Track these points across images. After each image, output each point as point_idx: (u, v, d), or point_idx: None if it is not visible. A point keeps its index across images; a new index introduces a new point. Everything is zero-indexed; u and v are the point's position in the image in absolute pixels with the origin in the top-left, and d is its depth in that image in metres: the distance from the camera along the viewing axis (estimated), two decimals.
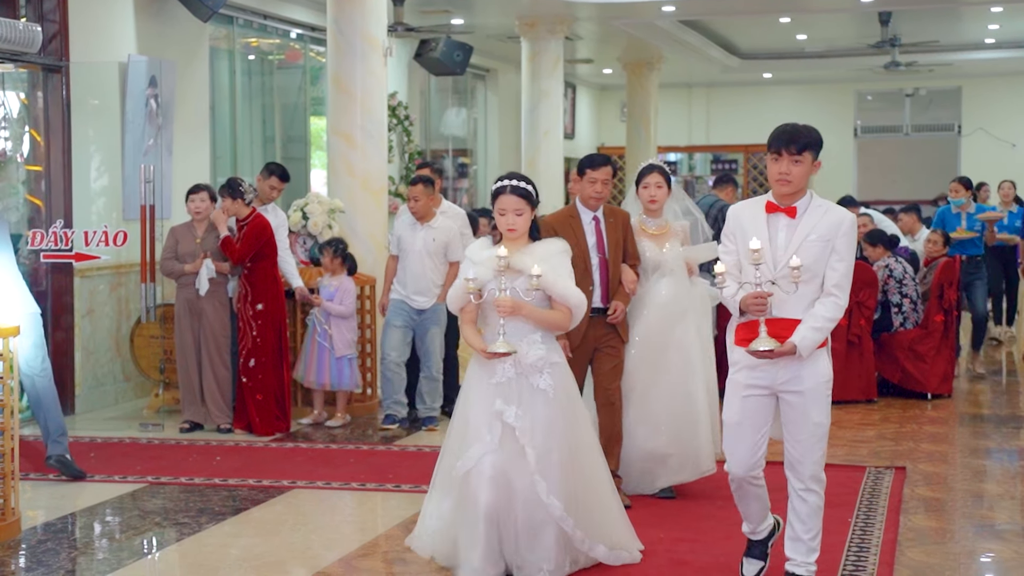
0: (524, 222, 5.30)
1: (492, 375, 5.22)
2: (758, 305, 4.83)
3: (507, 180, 5.35)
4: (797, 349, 4.87)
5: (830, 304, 4.93)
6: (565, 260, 5.32)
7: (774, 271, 4.90)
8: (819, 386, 4.99)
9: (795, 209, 4.95)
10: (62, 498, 7.16)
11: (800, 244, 4.90)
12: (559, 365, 5.29)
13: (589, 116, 23.92)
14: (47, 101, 9.77)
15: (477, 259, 5.29)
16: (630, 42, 18.08)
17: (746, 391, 5.03)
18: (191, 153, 11.20)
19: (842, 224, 4.94)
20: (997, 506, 6.86)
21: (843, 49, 20.33)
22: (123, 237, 8.48)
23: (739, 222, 5.05)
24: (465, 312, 5.32)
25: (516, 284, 5.15)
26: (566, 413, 5.24)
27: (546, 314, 5.25)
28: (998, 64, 21.07)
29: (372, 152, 9.97)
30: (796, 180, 4.91)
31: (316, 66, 14.50)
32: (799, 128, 4.97)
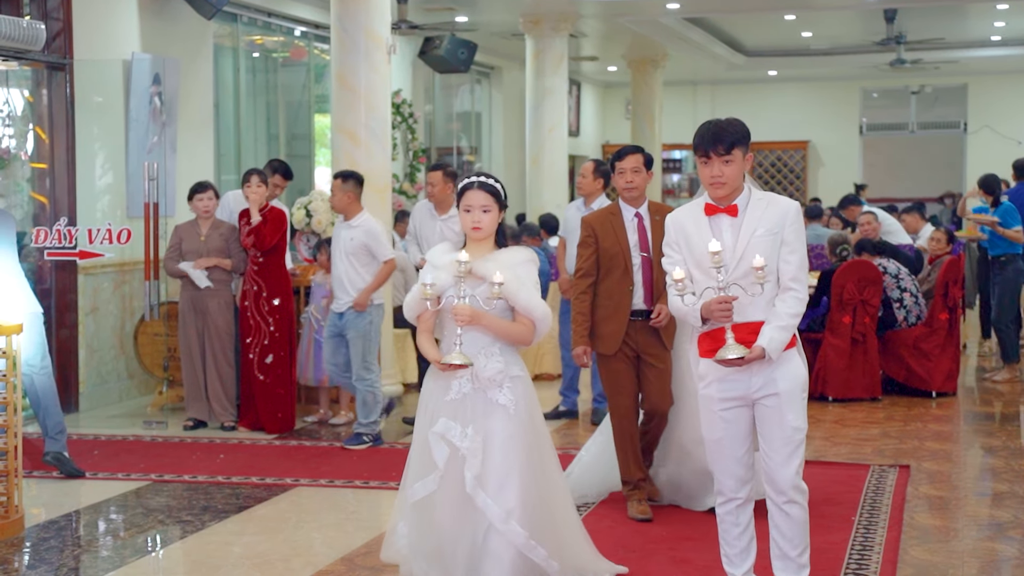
0: (490, 221, 4.89)
1: (447, 391, 4.84)
2: (724, 310, 4.54)
3: (475, 177, 4.96)
4: (766, 352, 4.60)
5: (790, 299, 4.67)
6: (532, 270, 4.91)
7: (725, 275, 4.60)
8: (794, 388, 4.72)
9: (735, 207, 4.69)
10: (65, 495, 7.17)
11: (748, 242, 4.64)
12: (520, 379, 4.88)
13: (594, 113, 23.90)
14: (51, 99, 9.77)
15: (437, 263, 4.90)
16: (635, 39, 18.05)
17: (721, 405, 4.76)
18: (195, 151, 11.20)
19: (787, 214, 4.68)
20: (1001, 504, 6.85)
21: (848, 46, 20.30)
22: (127, 235, 8.48)
23: (682, 229, 4.77)
24: (422, 320, 4.95)
25: (477, 292, 4.78)
26: (527, 430, 4.83)
27: (507, 326, 4.85)
28: (1004, 61, 21.03)
29: (376, 150, 9.96)
30: (730, 180, 4.65)
31: (320, 63, 14.50)
32: (723, 125, 4.69)
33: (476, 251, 4.87)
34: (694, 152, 4.70)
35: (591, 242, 6.48)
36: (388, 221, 10.28)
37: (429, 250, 4.96)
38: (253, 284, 8.90)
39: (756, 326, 4.64)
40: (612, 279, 6.42)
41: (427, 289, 4.78)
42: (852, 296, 9.92)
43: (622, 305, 6.41)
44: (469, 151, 19.51)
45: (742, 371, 4.67)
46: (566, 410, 9.43)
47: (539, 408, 4.99)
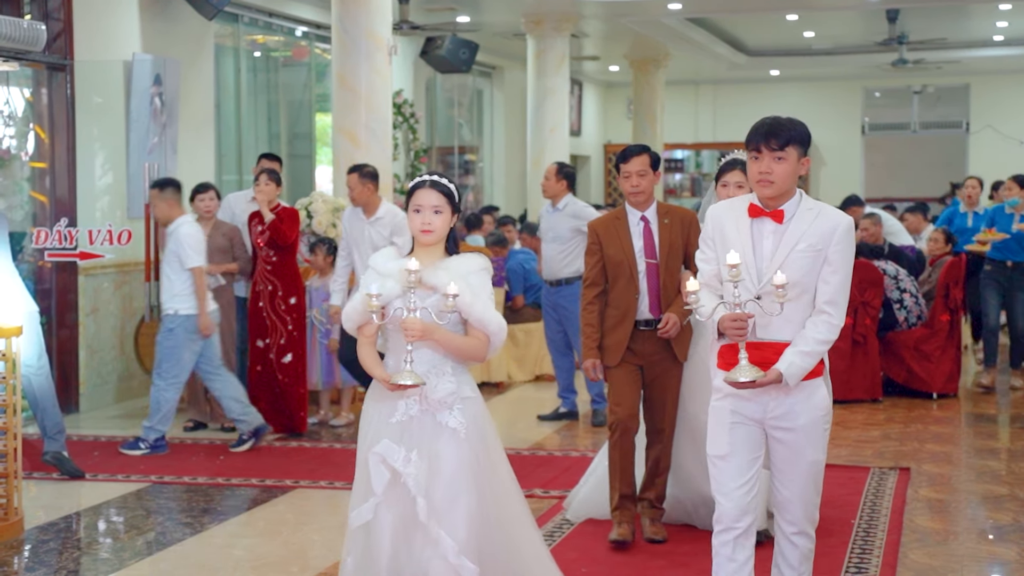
0: (442, 224, 4.43)
1: (392, 412, 4.37)
2: (737, 328, 4.18)
3: (428, 176, 4.51)
4: (783, 378, 4.21)
5: (822, 324, 4.26)
6: (485, 279, 4.47)
7: (758, 286, 4.26)
8: (816, 421, 4.34)
9: (782, 213, 4.30)
10: (65, 497, 7.17)
11: (788, 254, 4.25)
12: (472, 400, 4.45)
13: (595, 113, 23.89)
14: (51, 99, 9.77)
15: (383, 271, 4.42)
16: (636, 39, 18.05)
17: (732, 418, 4.37)
18: (196, 151, 11.20)
19: (836, 230, 4.27)
20: (1002, 508, 6.84)
21: (850, 46, 20.29)
22: (127, 235, 8.47)
23: (720, 227, 4.40)
24: (364, 332, 4.46)
25: (428, 303, 4.31)
26: (479, 455, 4.40)
27: (461, 341, 4.40)
28: (1006, 61, 21.02)
29: (377, 150, 9.96)
30: (780, 181, 4.25)
31: (321, 63, 14.51)
32: (781, 121, 4.34)
33: (425, 258, 4.42)
34: (746, 146, 4.35)
35: (596, 249, 6.14)
36: None
37: (371, 256, 4.57)
38: (267, 284, 8.85)
39: (776, 346, 4.27)
40: (618, 287, 6.09)
41: (373, 300, 4.28)
42: (853, 298, 9.86)
43: (628, 314, 6.06)
44: (470, 151, 19.51)
45: (758, 393, 4.30)
46: (567, 411, 9.43)
47: (493, 430, 4.53)
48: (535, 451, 8.39)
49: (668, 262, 6.04)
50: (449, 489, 4.33)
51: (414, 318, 4.23)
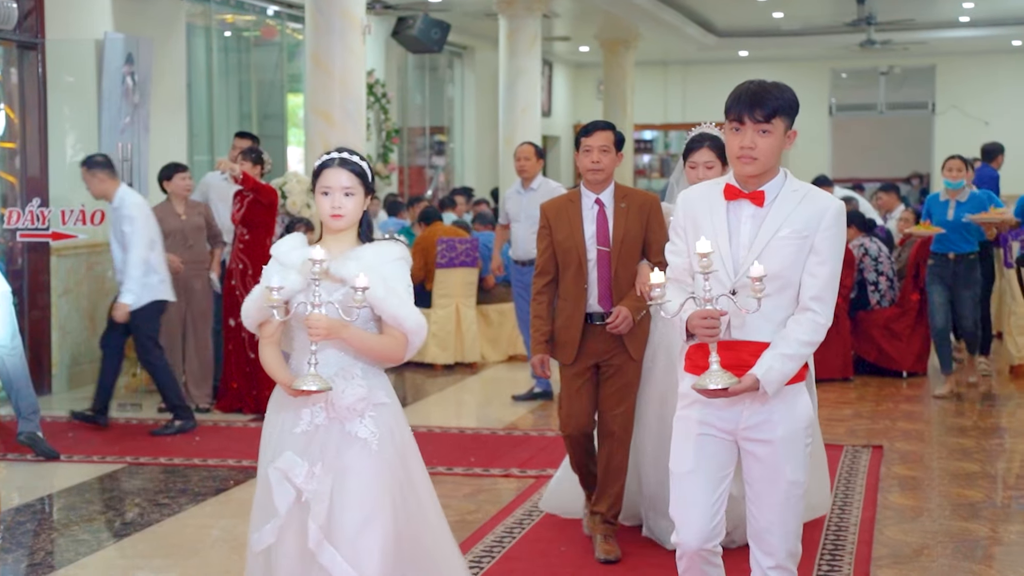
0: (354, 207, 3.94)
1: (297, 421, 3.89)
2: (708, 327, 3.60)
3: (336, 153, 4.00)
4: (760, 384, 3.65)
5: (806, 323, 3.71)
6: (402, 270, 3.98)
7: (734, 278, 3.70)
8: (796, 433, 3.77)
9: (763, 194, 3.73)
10: (40, 478, 7.15)
11: (769, 241, 3.70)
12: (386, 407, 3.96)
13: (565, 94, 23.89)
14: (22, 78, 9.70)
15: (286, 261, 3.93)
16: (607, 19, 18.06)
17: (700, 429, 3.80)
18: (168, 131, 11.15)
19: (825, 214, 3.71)
20: (974, 484, 6.92)
21: (819, 27, 20.36)
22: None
23: (692, 214, 3.83)
24: (265, 330, 3.98)
25: (335, 298, 3.84)
26: (392, 469, 3.91)
27: (373, 340, 3.92)
28: (972, 43, 21.15)
29: (351, 130, 9.94)
30: (764, 157, 3.68)
31: (293, 43, 14.45)
32: (767, 87, 3.72)
33: (334, 246, 3.96)
34: (725, 115, 3.75)
35: (546, 234, 5.59)
36: None
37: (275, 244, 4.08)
38: (239, 263, 8.82)
39: (754, 347, 3.71)
40: (568, 277, 5.55)
41: (273, 294, 3.76)
42: None
43: (578, 307, 5.53)
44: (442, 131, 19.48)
45: (731, 401, 3.74)
46: (541, 391, 9.47)
47: (411, 439, 4.04)
48: (510, 431, 8.42)
49: (622, 250, 5.47)
50: (359, 510, 3.83)
51: (318, 314, 3.75)
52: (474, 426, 8.78)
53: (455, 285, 11.05)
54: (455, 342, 11.05)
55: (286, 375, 3.91)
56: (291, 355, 4.00)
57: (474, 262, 11.10)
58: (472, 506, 6.47)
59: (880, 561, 5.53)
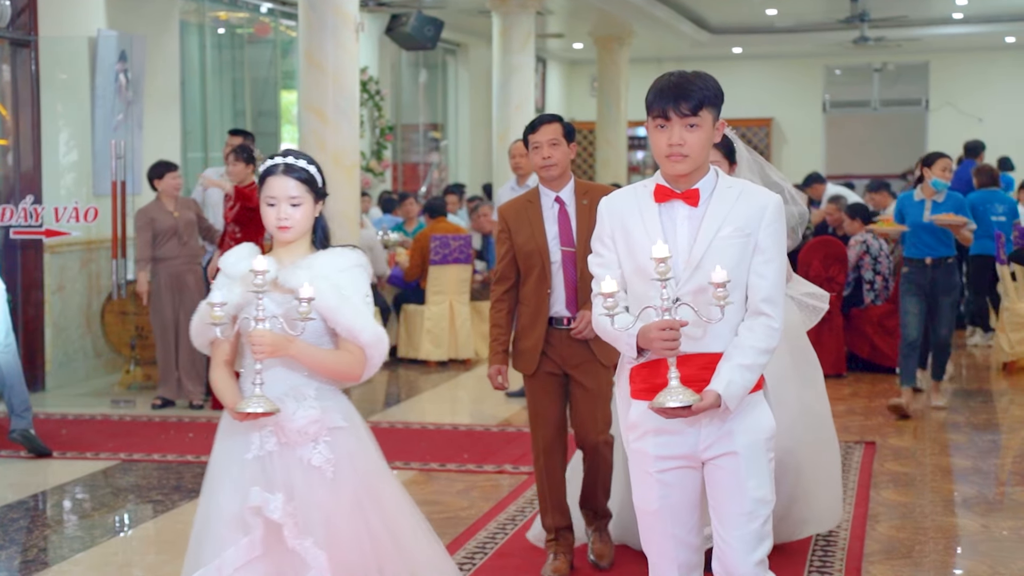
0: (303, 217, 3.65)
1: (247, 447, 3.57)
2: (668, 339, 3.28)
3: (280, 158, 3.69)
4: (722, 400, 3.36)
5: (760, 328, 3.43)
6: (359, 278, 3.66)
7: (675, 286, 3.38)
8: (756, 444, 3.47)
9: (696, 192, 3.45)
10: (33, 475, 7.15)
11: (710, 242, 3.41)
12: (344, 431, 3.62)
13: (559, 91, 23.90)
14: (15, 76, 9.69)
15: (233, 273, 3.65)
16: (601, 16, 18.06)
17: (659, 465, 3.48)
18: (161, 128, 11.15)
19: (766, 210, 3.45)
20: (966, 480, 6.95)
21: (813, 24, 20.37)
22: (94, 213, 8.45)
23: (619, 219, 3.50)
24: (216, 348, 3.68)
25: (282, 311, 3.55)
26: (358, 497, 3.60)
27: (326, 356, 3.60)
28: (965, 39, 21.18)
29: (344, 128, 9.94)
30: (695, 153, 3.41)
31: (286, 40, 14.44)
32: (689, 78, 3.43)
33: (286, 255, 3.68)
34: (647, 111, 3.45)
35: (505, 238, 5.25)
36: (356, 199, 10.27)
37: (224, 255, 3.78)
38: None
39: (710, 360, 3.43)
40: (530, 282, 5.20)
41: (216, 310, 3.47)
42: (818, 273, 9.99)
43: (539, 314, 5.18)
44: (435, 129, 19.49)
45: (687, 422, 3.44)
46: None
47: (378, 462, 3.71)
48: (504, 428, 8.43)
49: (588, 250, 5.07)
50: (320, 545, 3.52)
51: (262, 330, 3.45)
52: (468, 422, 8.80)
53: (449, 282, 11.06)
54: (449, 339, 11.06)
55: (232, 397, 3.58)
56: (242, 375, 3.68)
57: (468, 259, 11.11)
58: (465, 502, 6.48)
59: (872, 557, 5.54)
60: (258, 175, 3.69)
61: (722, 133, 3.50)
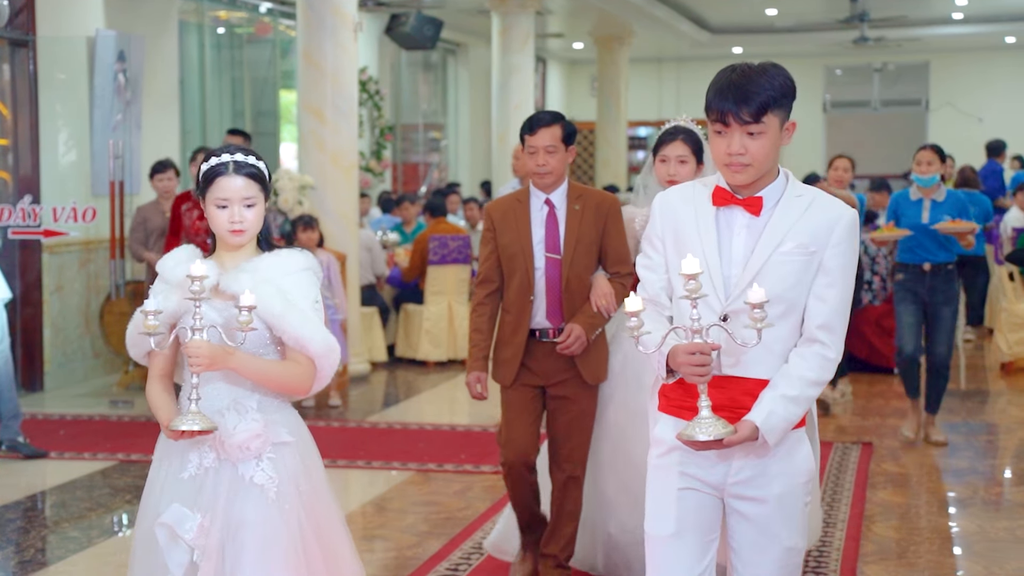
0: (256, 219, 3.38)
1: (184, 466, 3.33)
2: (697, 364, 2.93)
3: (228, 155, 3.39)
4: (760, 434, 3.01)
5: (813, 357, 3.06)
6: (307, 283, 3.40)
7: (725, 302, 3.07)
8: (794, 491, 3.12)
9: (760, 201, 3.08)
10: (31, 476, 7.16)
11: (769, 257, 3.05)
12: (289, 447, 3.38)
13: (559, 91, 23.91)
14: (14, 75, 9.70)
15: (171, 277, 3.38)
16: (600, 16, 18.08)
17: (681, 482, 3.14)
18: (160, 128, 11.16)
19: (837, 226, 3.05)
20: (962, 481, 6.95)
21: (813, 24, 20.38)
22: (92, 213, 8.47)
23: (672, 219, 3.17)
24: (152, 360, 3.43)
25: (224, 319, 3.30)
26: (298, 520, 3.35)
27: (271, 368, 3.34)
28: (965, 39, 21.19)
29: (343, 128, 9.95)
30: (759, 162, 3.04)
31: (286, 40, 14.45)
32: (753, 76, 3.02)
33: (229, 259, 3.42)
34: (706, 113, 3.10)
35: (490, 238, 4.96)
36: (354, 199, 10.28)
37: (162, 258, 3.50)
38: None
39: (753, 386, 3.07)
40: (513, 287, 4.91)
41: (150, 319, 3.17)
42: None
43: (521, 322, 4.88)
44: (435, 128, 19.50)
45: (720, 452, 3.09)
46: None
47: (323, 483, 3.46)
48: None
49: (575, 258, 4.82)
50: (253, 571, 3.29)
51: (199, 341, 3.17)
52: (466, 423, 8.80)
53: (447, 282, 11.07)
54: (448, 339, 11.07)
55: (166, 414, 3.32)
56: (182, 389, 3.38)
57: (466, 259, 11.12)
58: (462, 503, 6.49)
59: (867, 558, 5.55)
60: (200, 176, 3.39)
61: (791, 135, 3.11)
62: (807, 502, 3.16)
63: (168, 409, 3.35)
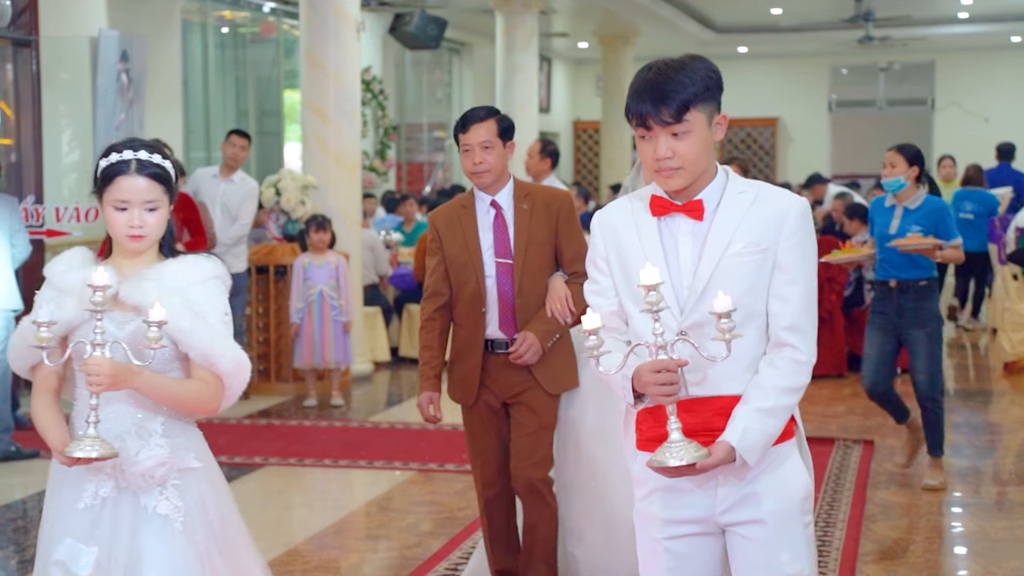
0: (157, 223, 3.04)
1: (79, 495, 3.01)
2: (664, 383, 2.69)
3: (130, 152, 3.03)
4: (737, 454, 2.77)
5: (784, 363, 2.84)
6: (215, 292, 3.09)
7: (680, 316, 2.83)
8: (788, 509, 2.87)
9: (700, 204, 2.86)
10: (30, 476, 7.17)
11: (718, 261, 2.82)
12: (196, 474, 3.08)
13: (564, 90, 23.91)
14: (17, 76, 9.72)
15: (63, 285, 3.04)
16: (605, 16, 18.08)
17: (667, 531, 2.90)
18: (163, 128, 11.15)
19: (786, 218, 2.84)
20: (963, 480, 6.94)
21: (818, 23, 20.37)
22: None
23: (613, 237, 2.94)
24: (38, 374, 3.07)
25: (125, 333, 2.98)
26: (210, 554, 3.07)
27: (177, 387, 3.03)
28: (971, 39, 21.17)
29: (345, 128, 9.96)
30: (691, 164, 2.81)
31: (290, 40, 14.47)
32: (669, 73, 2.78)
33: (128, 265, 3.08)
34: (626, 118, 2.87)
35: (436, 248, 4.58)
36: (357, 199, 10.29)
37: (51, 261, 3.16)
38: None
39: (727, 404, 2.84)
40: (464, 299, 4.54)
41: (42, 331, 2.83)
42: (819, 273, 9.97)
43: (476, 336, 4.53)
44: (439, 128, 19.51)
45: (700, 479, 2.85)
46: None
47: (232, 511, 3.19)
48: None
49: (527, 261, 4.48)
50: None
51: (99, 358, 2.82)
52: None
53: None
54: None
55: (58, 437, 2.96)
56: (75, 410, 3.09)
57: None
58: (463, 503, 6.49)
59: (866, 557, 5.55)
60: (98, 172, 3.06)
61: (724, 128, 2.86)
62: (807, 522, 2.89)
63: (58, 430, 2.98)
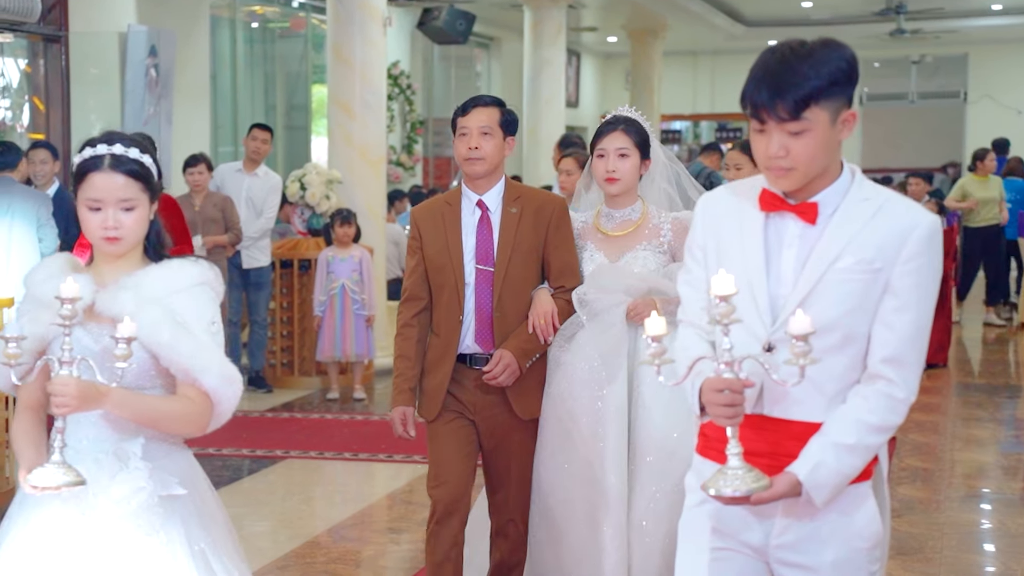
0: (137, 225, 2.75)
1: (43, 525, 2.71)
2: (726, 405, 2.39)
3: (105, 146, 2.73)
4: (804, 490, 2.47)
5: (876, 397, 2.49)
6: (202, 300, 2.78)
7: (771, 327, 2.52)
8: (854, 557, 2.56)
9: (814, 207, 2.52)
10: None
11: (823, 274, 2.49)
12: (178, 503, 2.78)
13: (593, 84, 23.90)
14: (47, 71, 9.83)
15: (41, 294, 2.75)
16: (634, 10, 18.07)
17: (717, 542, 2.64)
18: (191, 122, 11.25)
19: (909, 238, 2.49)
20: (985, 476, 6.92)
21: (849, 16, 20.27)
22: None
23: (715, 226, 2.64)
24: (21, 389, 2.78)
25: (99, 347, 2.68)
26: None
27: (157, 406, 2.72)
28: (1004, 31, 21.02)
29: (371, 123, 10.00)
30: (804, 165, 2.48)
31: (319, 34, 14.53)
32: (793, 62, 2.46)
33: (109, 272, 2.78)
34: (741, 106, 2.54)
35: (416, 247, 4.17)
36: (382, 193, 10.33)
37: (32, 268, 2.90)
38: None
39: (802, 430, 2.52)
40: (442, 305, 4.13)
41: (10, 347, 2.53)
42: None
43: (450, 347, 4.11)
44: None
45: (758, 510, 2.56)
46: None
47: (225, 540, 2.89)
48: None
49: (510, 271, 4.05)
50: None
51: (65, 377, 2.52)
52: None
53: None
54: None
55: (30, 458, 2.70)
56: None
57: None
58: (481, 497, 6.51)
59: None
60: (73, 169, 2.79)
61: (851, 126, 2.54)
62: (873, 572, 2.57)
63: (33, 451, 2.72)
